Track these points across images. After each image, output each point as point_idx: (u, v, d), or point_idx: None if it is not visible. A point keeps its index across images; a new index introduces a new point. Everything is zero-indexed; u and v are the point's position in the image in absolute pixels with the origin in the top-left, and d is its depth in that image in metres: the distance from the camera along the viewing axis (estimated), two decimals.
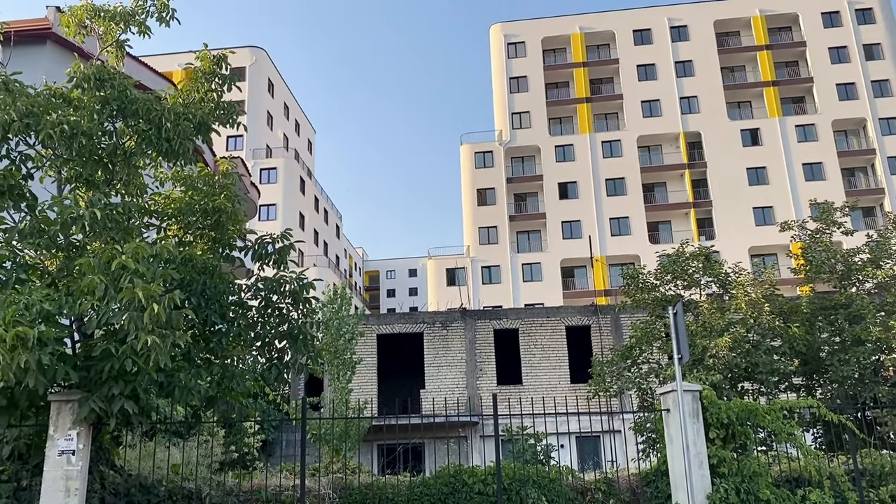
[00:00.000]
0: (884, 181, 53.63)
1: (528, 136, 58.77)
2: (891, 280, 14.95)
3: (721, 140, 55.79)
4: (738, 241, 50.35)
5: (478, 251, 56.61)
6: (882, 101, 55.45)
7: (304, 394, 21.54)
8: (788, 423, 10.01)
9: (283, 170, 58.99)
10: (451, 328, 26.80)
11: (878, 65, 56.46)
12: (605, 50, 61.07)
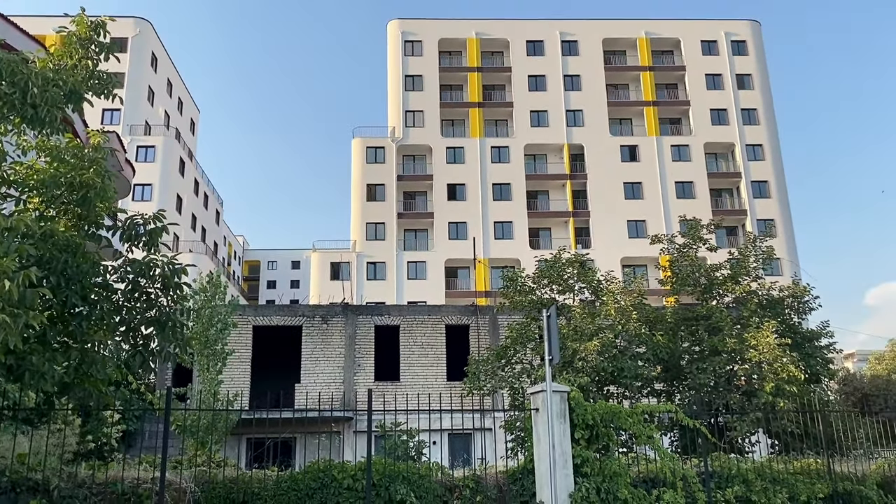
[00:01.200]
0: (747, 203, 57.65)
1: (420, 135, 59.01)
2: (747, 295, 16.08)
3: (602, 154, 58.21)
4: (613, 251, 52.71)
5: (364, 246, 56.27)
6: (750, 129, 59.63)
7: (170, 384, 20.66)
8: (648, 426, 10.55)
9: (161, 148, 56.30)
10: (332, 322, 26.48)
11: (748, 94, 60.67)
12: (499, 57, 62.25)
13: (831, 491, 11.09)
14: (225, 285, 16.81)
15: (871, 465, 12.01)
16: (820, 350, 15.90)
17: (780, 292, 16.32)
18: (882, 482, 11.63)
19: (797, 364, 13.84)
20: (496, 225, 56.42)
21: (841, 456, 12.42)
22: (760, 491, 10.63)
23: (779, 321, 15.05)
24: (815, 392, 15.53)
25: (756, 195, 58.23)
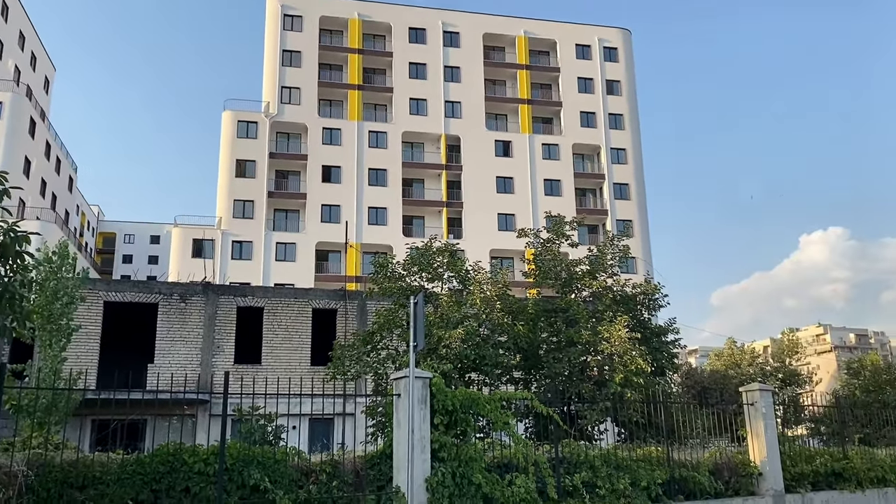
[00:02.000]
0: (608, 204, 60.61)
1: (296, 112, 57.58)
2: (603, 291, 16.91)
3: (477, 147, 59.28)
4: (483, 242, 53.86)
5: (231, 224, 54.31)
6: (615, 133, 62.65)
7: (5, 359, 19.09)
8: (505, 413, 10.85)
9: (9, 106, 51.67)
10: (191, 302, 25.40)
11: (616, 100, 63.69)
12: (381, 41, 61.85)
13: (669, 477, 11.87)
14: (74, 256, 15.67)
15: (705, 453, 12.94)
16: (666, 345, 16.98)
17: (634, 289, 17.28)
18: (713, 469, 12.57)
19: (645, 357, 14.72)
20: (370, 210, 56.18)
21: (680, 444, 13.33)
22: (605, 477, 11.21)
23: (630, 316, 15.93)
24: (659, 384, 16.55)
25: (617, 197, 61.32)
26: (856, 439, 16.46)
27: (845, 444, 15.33)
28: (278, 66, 58.20)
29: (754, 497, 12.69)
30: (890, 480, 14.69)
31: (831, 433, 21.10)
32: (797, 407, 30.59)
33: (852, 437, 16.44)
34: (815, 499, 13.38)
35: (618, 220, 59.60)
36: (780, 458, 13.29)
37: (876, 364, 32.47)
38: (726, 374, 35.79)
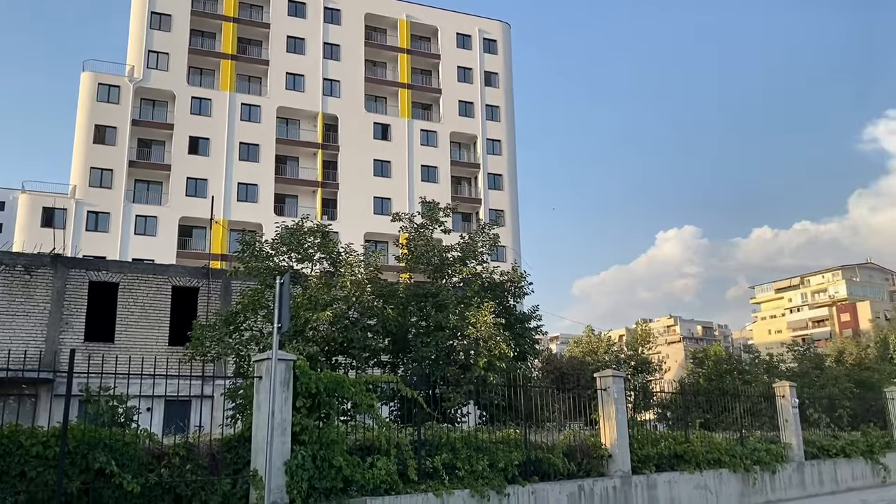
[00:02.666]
0: (482, 193, 61.76)
1: (163, 79, 54.53)
2: (473, 277, 17.20)
3: (355, 128, 58.63)
4: (357, 224, 53.43)
5: (86, 193, 50.79)
6: (491, 124, 63.84)
7: None
8: (370, 395, 10.81)
9: None
10: (37, 274, 23.58)
11: (494, 92, 64.87)
12: (258, 11, 59.68)
13: (525, 458, 12.29)
14: None
15: (561, 435, 13.48)
16: (529, 331, 17.53)
17: (501, 277, 17.69)
18: (567, 451, 13.13)
19: (508, 343, 15.12)
20: (240, 186, 54.28)
21: (537, 427, 13.81)
22: (465, 458, 11.44)
23: (497, 303, 16.31)
24: (521, 369, 17.09)
25: (491, 187, 62.60)
26: (697, 424, 17.68)
27: (688, 429, 16.46)
28: (146, 29, 54.86)
29: (603, 478, 13.37)
30: (725, 462, 15.92)
31: (676, 418, 22.60)
32: (647, 393, 32.41)
33: (694, 422, 17.67)
34: (658, 479, 14.28)
35: (491, 210, 60.90)
36: (629, 441, 14.08)
37: (718, 354, 35.00)
38: (584, 361, 37.42)
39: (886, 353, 41.62)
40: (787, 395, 18.86)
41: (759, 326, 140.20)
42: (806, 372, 29.92)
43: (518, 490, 11.89)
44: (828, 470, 19.14)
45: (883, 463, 21.17)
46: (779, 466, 17.37)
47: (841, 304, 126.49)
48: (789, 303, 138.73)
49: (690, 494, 14.83)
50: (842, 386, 26.92)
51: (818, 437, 19.77)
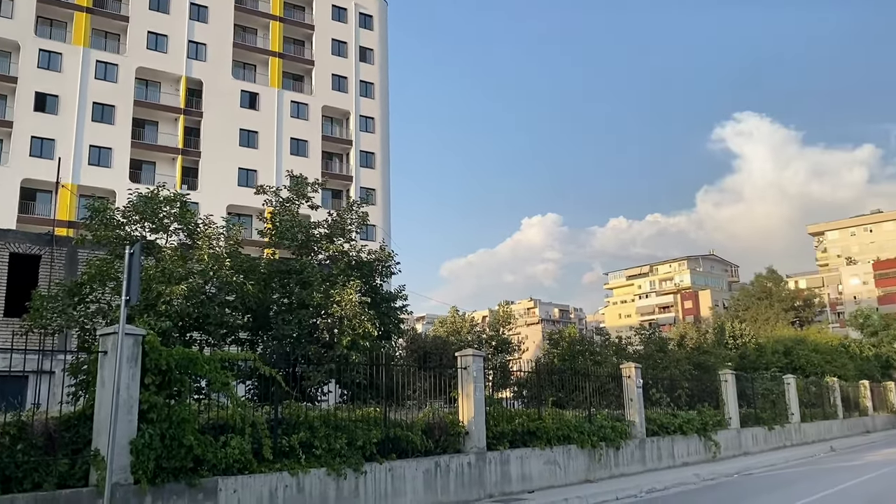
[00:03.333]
0: (354, 171, 61.08)
1: (6, 27, 49.58)
2: (339, 255, 16.97)
3: (221, 95, 56.09)
4: (220, 196, 51.34)
5: None
6: (365, 101, 63.09)
7: None
8: (225, 373, 10.44)
9: None
10: None
11: (368, 68, 64.08)
12: None
13: (384, 436, 12.33)
14: None
15: (420, 413, 13.63)
16: (394, 310, 17.55)
17: (368, 256, 17.57)
18: (426, 428, 13.29)
19: (373, 322, 15.07)
20: (92, 149, 50.60)
21: (399, 405, 13.89)
22: (323, 437, 11.34)
23: (363, 282, 16.20)
24: (385, 348, 17.11)
25: (363, 164, 62.02)
26: (550, 402, 18.43)
27: (541, 407, 17.14)
28: None
29: (460, 454, 13.67)
30: (573, 438, 16.72)
31: (531, 396, 23.47)
32: (506, 372, 33.42)
33: (547, 401, 18.41)
34: (511, 455, 14.79)
35: (362, 188, 60.35)
36: (486, 418, 14.47)
37: (572, 336, 36.63)
38: (448, 341, 38.04)
39: (722, 339, 45.12)
40: (633, 376, 20.05)
41: (611, 311, 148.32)
42: (651, 354, 31.87)
43: (376, 468, 11.93)
44: (666, 446, 20.57)
45: (715, 440, 23.02)
46: (623, 443, 18.47)
47: (685, 292, 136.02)
48: (639, 289, 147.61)
49: (541, 469, 15.47)
50: (682, 368, 28.88)
51: (659, 415, 21.17)
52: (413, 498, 12.44)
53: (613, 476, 17.74)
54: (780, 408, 29.79)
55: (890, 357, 55.04)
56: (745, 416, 26.58)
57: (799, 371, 38.07)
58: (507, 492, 14.39)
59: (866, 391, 42.52)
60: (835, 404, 36.38)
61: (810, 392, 33.87)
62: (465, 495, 13.40)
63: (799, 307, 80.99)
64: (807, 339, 46.29)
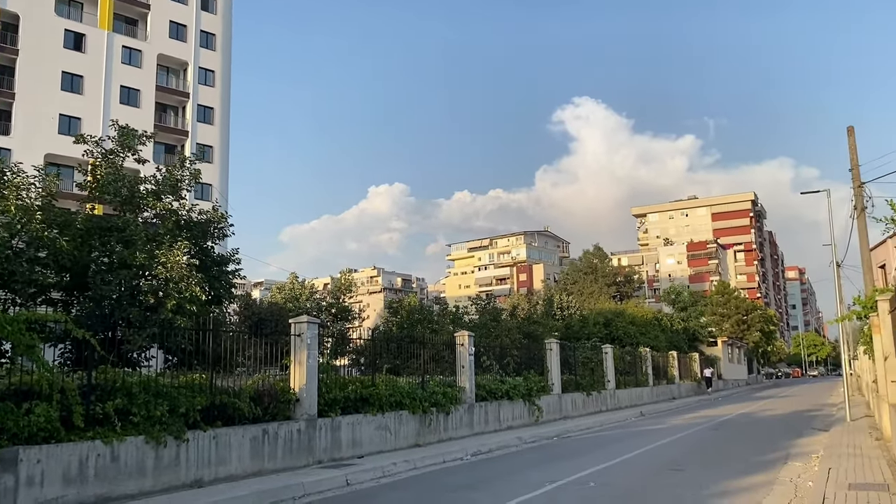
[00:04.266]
0: (190, 125, 57.79)
1: None
2: (168, 213, 16.02)
3: (42, 32, 50.80)
4: (36, 143, 46.81)
5: None
6: (205, 52, 59.62)
7: None
8: (31, 335, 9.59)
9: None
10: None
11: (210, 17, 60.50)
12: None
13: (209, 403, 11.91)
14: None
15: (249, 380, 13.28)
16: (226, 274, 16.86)
17: (200, 216, 16.72)
18: (255, 395, 12.98)
19: (202, 285, 14.41)
20: None
21: (228, 372, 13.44)
22: (142, 403, 10.76)
23: (193, 243, 15.40)
24: (215, 313, 16.45)
25: (200, 119, 58.82)
26: (384, 369, 18.64)
27: (375, 374, 17.29)
28: None
29: (290, 421, 13.50)
30: (406, 404, 17.03)
31: (368, 364, 23.61)
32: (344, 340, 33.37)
33: (382, 368, 18.59)
34: (342, 422, 14.81)
35: (198, 144, 57.26)
36: (319, 385, 14.37)
37: (412, 305, 37.18)
38: (285, 308, 37.37)
39: (551, 310, 47.63)
40: (466, 344, 20.69)
41: (451, 281, 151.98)
42: (485, 323, 33.05)
43: (199, 435, 11.52)
44: (493, 411, 21.48)
45: (538, 405, 24.35)
46: (453, 408, 19.07)
47: (520, 265, 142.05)
48: (479, 261, 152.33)
49: (371, 435, 15.64)
50: (513, 337, 30.19)
51: (488, 381, 22.05)
52: (238, 465, 12.15)
53: (442, 440, 18.29)
54: (599, 375, 32.01)
55: (696, 330, 60.68)
56: (567, 383, 28.30)
57: (617, 341, 41.07)
58: (337, 458, 14.43)
59: (674, 361, 46.68)
60: (646, 372, 39.64)
61: (625, 361, 36.65)
62: (293, 462, 13.28)
63: (620, 283, 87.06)
64: (625, 312, 49.92)
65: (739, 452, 15.80)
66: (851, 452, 14.01)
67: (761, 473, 12.59)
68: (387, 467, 13.69)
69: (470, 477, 13.16)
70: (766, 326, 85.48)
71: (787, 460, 14.24)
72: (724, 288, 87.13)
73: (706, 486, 11.26)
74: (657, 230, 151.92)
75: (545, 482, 11.95)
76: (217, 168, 57.45)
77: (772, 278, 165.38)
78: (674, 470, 13.28)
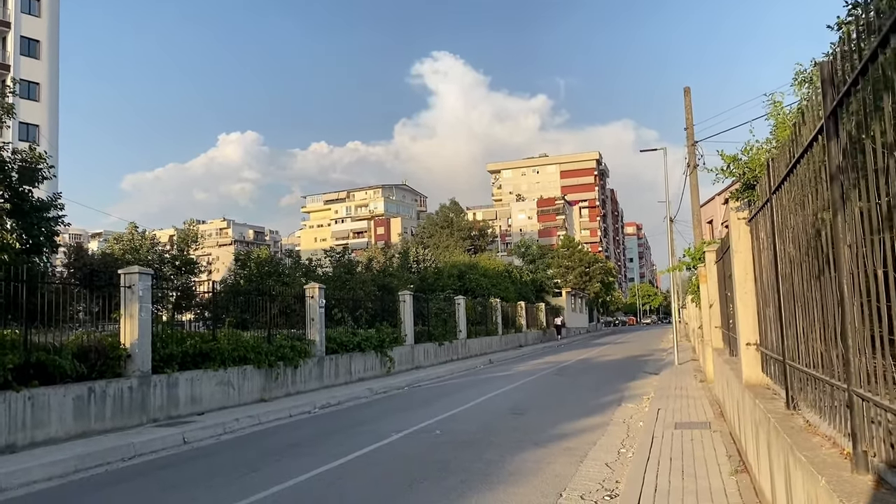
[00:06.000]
0: (12, 59, 52.11)
1: None
2: None
3: None
4: None
5: None
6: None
7: None
8: None
9: None
10: None
11: None
12: None
13: (24, 361, 10.80)
14: None
15: (72, 335, 12.19)
16: (47, 221, 15.35)
17: (13, 156, 15.00)
18: (80, 352, 11.94)
19: (16, 232, 12.99)
20: None
21: (50, 327, 12.23)
22: None
23: (5, 186, 13.82)
24: (34, 262, 14.95)
25: (25, 53, 53.19)
26: (227, 323, 17.83)
27: (216, 328, 16.48)
28: None
29: (120, 378, 12.57)
30: (250, 359, 16.40)
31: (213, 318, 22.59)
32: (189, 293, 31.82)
33: (224, 322, 17.75)
34: (180, 378, 14.01)
35: (22, 80, 51.77)
36: (153, 340, 13.47)
37: (261, 258, 35.96)
38: (123, 259, 34.98)
39: (407, 263, 47.86)
40: (316, 296, 20.21)
41: (307, 234, 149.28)
42: (339, 276, 32.59)
43: (11, 396, 10.43)
44: (345, 363, 21.26)
45: (390, 356, 24.40)
46: (301, 361, 18.64)
47: (378, 219, 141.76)
48: (336, 214, 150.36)
49: (213, 391, 14.95)
50: (367, 289, 29.98)
51: (340, 334, 21.75)
52: (60, 428, 11.16)
53: (290, 394, 17.87)
54: (451, 326, 32.59)
55: (543, 282, 63.30)
56: (420, 334, 28.59)
57: (470, 293, 41.98)
58: (175, 415, 13.67)
59: (522, 311, 48.49)
60: (496, 322, 40.89)
61: (477, 311, 37.56)
62: (123, 421, 12.41)
63: (475, 237, 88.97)
64: (479, 264, 51.10)
65: (578, 396, 16.57)
66: (679, 394, 15.04)
67: (597, 415, 13.23)
68: (228, 424, 13.14)
69: (314, 430, 12.89)
70: (607, 278, 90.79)
71: (621, 402, 15.08)
72: (570, 242, 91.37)
73: (545, 430, 11.65)
74: (510, 186, 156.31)
75: (391, 432, 11.91)
76: (45, 108, 52.61)
77: (612, 233, 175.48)
78: (516, 414, 13.68)
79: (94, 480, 9.16)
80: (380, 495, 7.60)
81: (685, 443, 9.22)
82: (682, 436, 9.77)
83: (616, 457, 9.27)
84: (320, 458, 9.80)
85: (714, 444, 9.04)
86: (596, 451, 9.74)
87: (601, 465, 8.82)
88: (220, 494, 7.92)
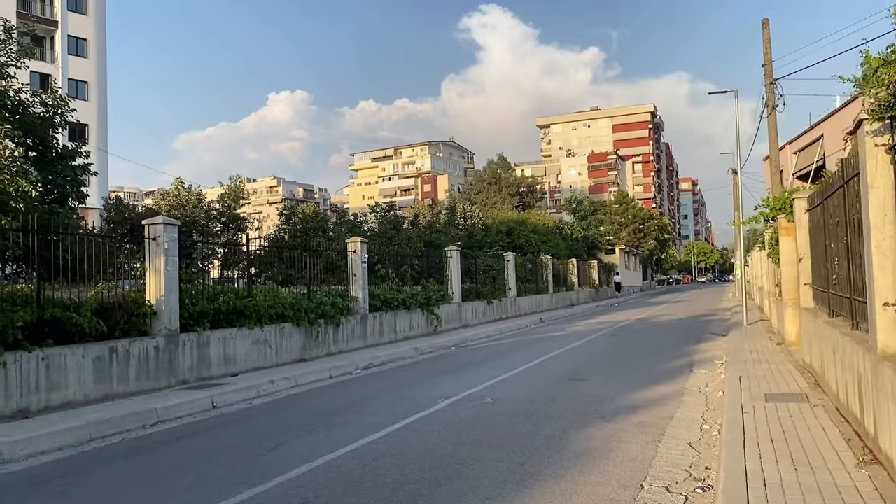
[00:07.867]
0: (60, 14, 51.70)
1: None
2: None
3: None
4: None
5: None
6: None
7: None
8: None
9: None
10: None
11: None
12: None
13: (37, 318, 9.90)
14: None
15: (91, 290, 11.26)
16: (72, 170, 14.41)
17: (33, 98, 14.03)
18: (101, 309, 11.03)
19: (33, 179, 12.05)
20: None
21: (78, 283, 11.33)
22: None
23: (24, 130, 12.87)
24: (58, 213, 14.06)
25: (72, 8, 52.71)
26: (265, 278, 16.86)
27: (251, 284, 15.49)
28: None
29: (145, 337, 11.64)
30: (288, 316, 15.38)
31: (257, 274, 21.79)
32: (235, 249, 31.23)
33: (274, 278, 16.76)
34: (212, 337, 13.06)
35: (70, 36, 51.59)
36: (181, 296, 12.51)
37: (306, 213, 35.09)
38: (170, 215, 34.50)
39: (454, 219, 46.54)
40: (358, 251, 19.09)
41: (355, 192, 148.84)
42: (384, 232, 31.53)
43: (22, 357, 9.54)
44: (389, 321, 20.19)
45: (437, 314, 23.26)
46: (343, 319, 17.60)
47: (425, 176, 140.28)
48: (383, 171, 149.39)
49: (248, 350, 14.00)
50: (413, 245, 28.88)
51: (384, 290, 20.65)
52: (79, 390, 10.29)
53: (331, 353, 16.89)
54: (500, 283, 31.29)
55: (595, 239, 61.37)
56: (468, 291, 27.38)
57: (519, 250, 40.54)
58: (206, 376, 12.76)
59: (574, 268, 46.84)
60: (547, 280, 39.41)
61: (526, 269, 36.14)
62: (150, 384, 11.51)
63: (523, 193, 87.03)
64: (527, 221, 49.49)
65: (642, 360, 15.16)
66: (756, 358, 13.50)
67: (667, 383, 11.83)
68: (263, 386, 12.16)
69: (354, 394, 11.81)
70: (661, 235, 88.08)
71: (692, 368, 13.64)
72: (623, 198, 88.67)
73: (610, 400, 10.33)
74: (560, 141, 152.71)
75: (437, 398, 10.74)
76: (93, 64, 52.33)
77: (667, 189, 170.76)
78: (575, 381, 12.37)
79: (107, 452, 8.22)
80: (421, 481, 6.40)
81: (784, 420, 7.79)
82: (777, 410, 8.33)
83: (700, 435, 7.91)
84: (357, 430, 8.68)
85: (821, 422, 7.58)
86: (674, 427, 8.39)
87: (683, 445, 7.47)
88: (238, 476, 6.82)
